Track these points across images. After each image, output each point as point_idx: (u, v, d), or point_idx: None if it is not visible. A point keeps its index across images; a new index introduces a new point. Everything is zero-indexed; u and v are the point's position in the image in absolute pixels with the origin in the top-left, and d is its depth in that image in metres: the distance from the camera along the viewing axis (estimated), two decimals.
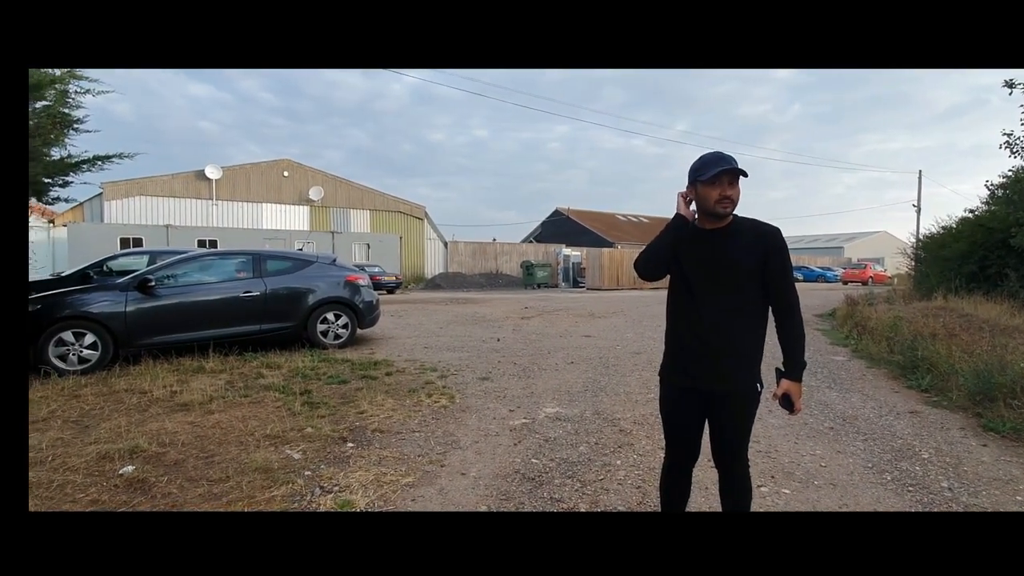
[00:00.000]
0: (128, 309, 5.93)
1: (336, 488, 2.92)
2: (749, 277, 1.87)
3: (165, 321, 6.16)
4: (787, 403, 1.94)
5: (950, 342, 6.05)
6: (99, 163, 9.12)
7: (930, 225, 15.23)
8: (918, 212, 26.00)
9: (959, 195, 71.54)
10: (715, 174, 1.81)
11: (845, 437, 3.85)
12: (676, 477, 2.15)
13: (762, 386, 1.98)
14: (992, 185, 10.61)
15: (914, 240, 17.90)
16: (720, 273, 1.88)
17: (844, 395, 5.06)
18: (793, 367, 1.92)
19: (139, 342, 6.01)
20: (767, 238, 1.89)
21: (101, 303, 5.84)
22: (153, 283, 6.10)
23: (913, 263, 15.42)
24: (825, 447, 3.64)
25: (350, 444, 3.56)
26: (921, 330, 6.78)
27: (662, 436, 3.78)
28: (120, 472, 3.11)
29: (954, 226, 12.65)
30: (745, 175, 1.84)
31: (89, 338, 5.69)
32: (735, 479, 2.04)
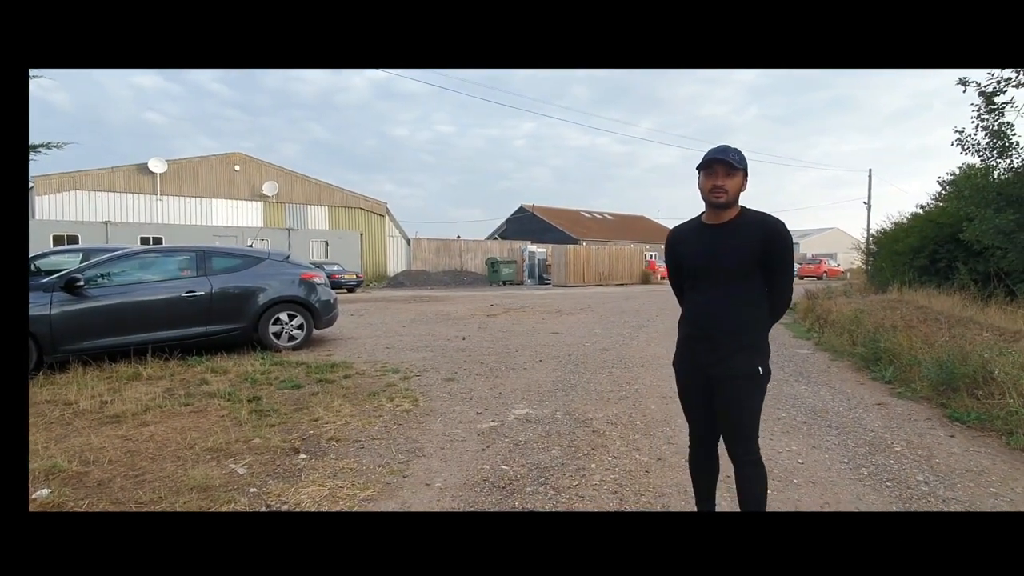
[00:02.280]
0: (53, 311, 5.39)
1: (285, 506, 2.63)
2: (750, 268, 1.92)
3: (97, 324, 5.63)
4: None
5: (909, 334, 6.16)
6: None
7: (882, 221, 15.81)
8: (868, 209, 27.09)
9: (905, 193, 75.51)
10: (706, 161, 1.88)
11: (818, 431, 3.78)
12: (700, 458, 2.17)
13: (764, 370, 1.95)
14: (943, 181, 11.02)
15: (867, 236, 18.57)
16: (718, 264, 1.93)
17: (813, 388, 5.04)
18: None
19: (67, 347, 5.47)
20: (767, 228, 1.92)
21: None
22: (82, 283, 5.56)
23: (866, 258, 15.97)
24: (800, 442, 3.56)
25: (302, 455, 3.25)
26: (882, 322, 6.91)
27: (636, 436, 3.66)
28: (33, 496, 2.72)
29: (905, 222, 13.14)
30: (735, 167, 1.87)
31: None
32: (746, 469, 1.97)
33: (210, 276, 6.37)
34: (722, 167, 1.86)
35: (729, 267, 1.91)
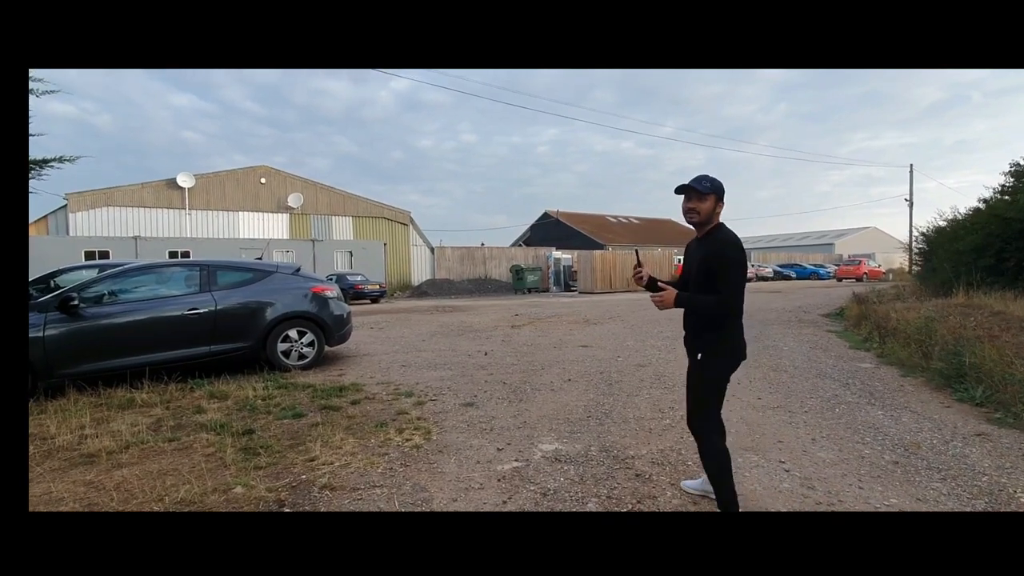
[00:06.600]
0: (47, 333, 5.04)
1: None
2: (705, 276, 2.30)
3: (94, 346, 5.26)
4: (655, 288, 2.37)
5: (995, 345, 5.34)
6: (35, 168, 8.20)
7: (932, 218, 14.66)
8: (911, 206, 25.60)
9: (948, 188, 71.88)
10: (678, 189, 2.35)
11: (917, 476, 3.08)
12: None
13: (705, 358, 2.37)
14: (1015, 171, 9.92)
15: (914, 234, 17.33)
16: (688, 271, 2.49)
17: (891, 413, 4.30)
18: (681, 295, 2.31)
19: (62, 371, 5.11)
20: (713, 243, 2.30)
21: None
22: (77, 302, 5.21)
23: (916, 257, 14.81)
24: (899, 492, 2.86)
25: (287, 511, 2.72)
26: (958, 331, 6.07)
27: (684, 479, 3.03)
28: None
29: (960, 218, 12.06)
30: (702, 192, 2.30)
31: None
32: (699, 443, 2.46)
33: (214, 292, 5.96)
34: (691, 193, 2.31)
35: (694, 274, 2.38)
